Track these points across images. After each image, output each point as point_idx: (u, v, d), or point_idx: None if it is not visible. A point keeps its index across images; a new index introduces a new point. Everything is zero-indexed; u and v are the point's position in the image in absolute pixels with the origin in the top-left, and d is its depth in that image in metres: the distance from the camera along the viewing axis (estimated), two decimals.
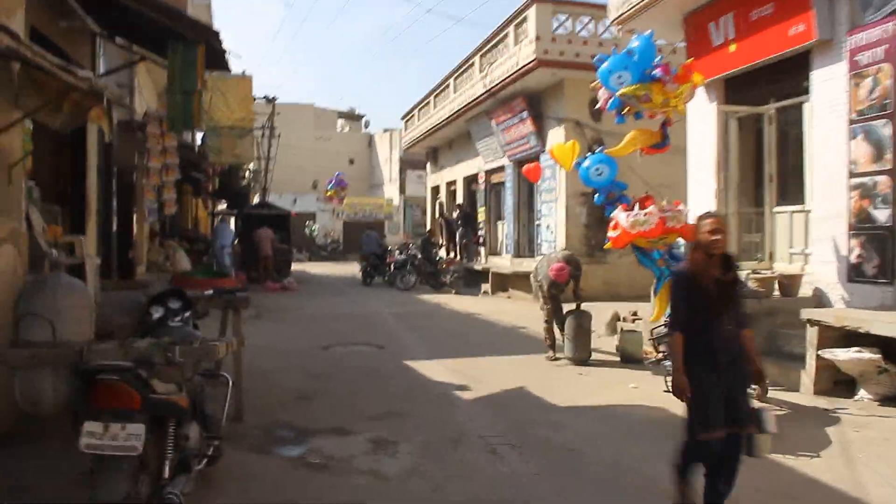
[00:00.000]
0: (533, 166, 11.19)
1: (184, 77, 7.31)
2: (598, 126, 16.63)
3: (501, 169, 21.00)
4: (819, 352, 7.14)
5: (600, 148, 8.63)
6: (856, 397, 7.08)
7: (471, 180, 24.63)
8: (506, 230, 20.72)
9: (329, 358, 9.82)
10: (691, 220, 8.40)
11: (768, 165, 9.79)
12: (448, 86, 22.98)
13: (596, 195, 8.58)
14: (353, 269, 28.16)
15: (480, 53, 19.49)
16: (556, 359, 9.47)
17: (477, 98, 19.51)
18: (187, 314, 5.07)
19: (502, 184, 21.29)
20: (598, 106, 8.87)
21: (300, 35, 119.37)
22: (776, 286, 8.64)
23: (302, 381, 8.17)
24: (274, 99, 26.86)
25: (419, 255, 21.46)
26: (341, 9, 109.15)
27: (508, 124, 18.82)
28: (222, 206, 30.01)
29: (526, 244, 20.02)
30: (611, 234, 8.30)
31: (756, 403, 4.52)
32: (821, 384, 7.26)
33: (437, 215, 27.68)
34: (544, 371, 8.93)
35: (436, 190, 29.27)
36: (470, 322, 13.75)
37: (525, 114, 17.68)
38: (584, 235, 16.67)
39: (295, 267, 26.75)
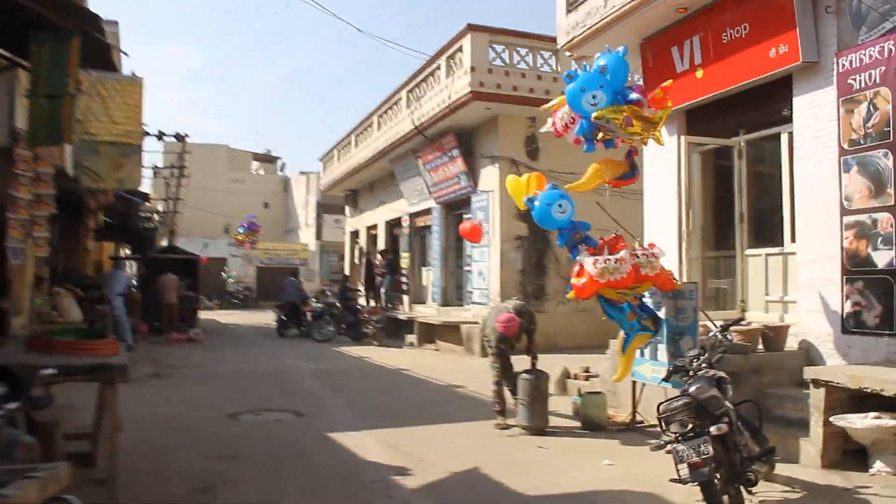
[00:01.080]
0: (470, 227, 9.90)
1: (50, 76, 5.73)
2: (535, 164, 15.60)
3: (427, 212, 19.75)
4: (831, 418, 5.99)
5: (549, 185, 7.40)
6: (872, 470, 5.93)
7: (393, 224, 23.30)
8: (432, 277, 19.40)
9: (237, 431, 8.14)
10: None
11: (739, 203, 8.80)
12: (371, 123, 21.74)
13: (559, 236, 7.31)
14: (266, 317, 26.36)
15: (408, 88, 18.34)
16: (507, 427, 8.08)
17: (403, 136, 18.31)
18: (13, 405, 3.44)
19: (428, 227, 20.04)
20: (551, 130, 7.65)
21: (215, 77, 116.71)
22: (759, 339, 7.53)
23: (202, 463, 6.48)
24: (185, 136, 24.98)
25: (338, 304, 19.87)
26: (259, 50, 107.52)
27: (437, 164, 17.64)
28: (127, 250, 27.73)
29: (454, 292, 18.73)
30: (574, 281, 7.02)
31: None
32: (829, 455, 6.09)
33: (359, 257, 26.20)
34: (498, 445, 7.50)
35: (355, 234, 27.79)
36: (400, 380, 12.24)
37: (455, 152, 16.54)
38: (520, 282, 15.50)
39: (204, 316, 24.72)
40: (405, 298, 20.57)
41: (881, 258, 6.69)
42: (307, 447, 7.28)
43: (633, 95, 6.89)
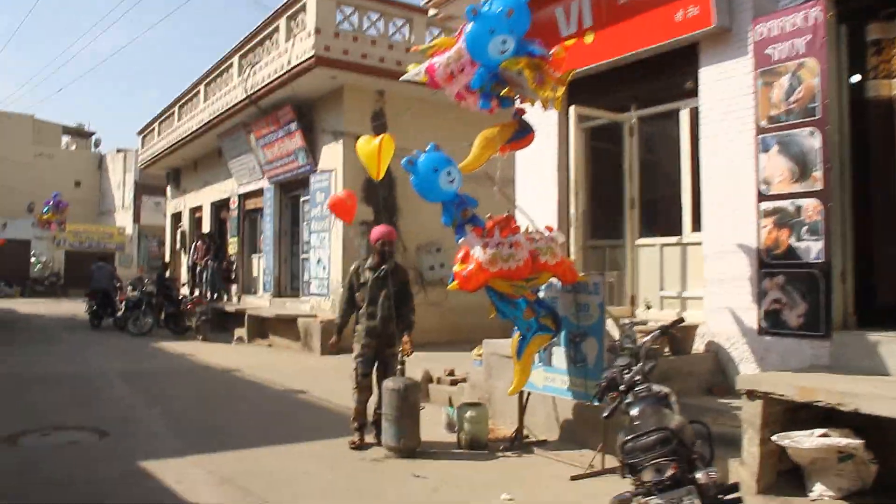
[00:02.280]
0: (340, 199, 8.21)
1: None
2: None
3: (259, 193, 17.81)
4: (771, 436, 5.08)
5: (431, 145, 6.02)
6: (813, 494, 5.08)
7: (220, 206, 21.06)
8: (264, 265, 17.49)
9: (15, 461, 6.17)
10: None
11: (629, 187, 7.89)
12: (198, 93, 19.39)
13: (443, 213, 5.96)
14: (75, 307, 23.40)
15: (241, 53, 16.29)
16: (364, 446, 6.68)
17: (234, 106, 16.26)
18: None
19: (260, 210, 18.10)
20: (418, 77, 6.17)
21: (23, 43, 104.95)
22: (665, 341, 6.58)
23: None
24: None
25: (157, 293, 17.50)
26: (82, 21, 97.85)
27: (272, 139, 15.79)
28: None
29: (288, 282, 16.97)
30: (458, 269, 5.73)
31: None
32: (765, 479, 5.17)
33: (180, 241, 23.66)
34: (363, 474, 6.02)
35: (177, 217, 25.10)
36: (231, 384, 10.43)
37: (294, 125, 14.79)
38: None
39: None
40: (233, 288, 18.44)
41: (806, 250, 5.90)
42: (110, 485, 5.50)
43: (538, 49, 5.69)
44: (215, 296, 18.25)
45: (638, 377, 4.31)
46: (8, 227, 34.78)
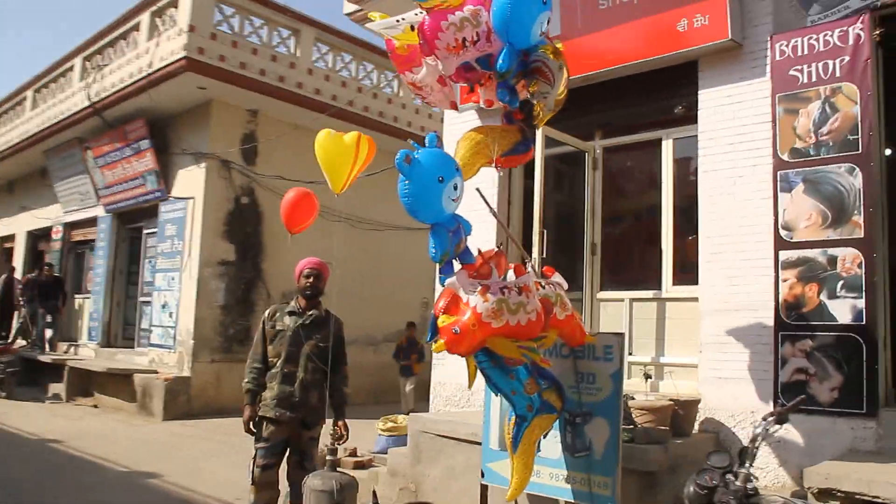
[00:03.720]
0: (296, 199, 6.06)
1: None
2: (251, 171, 12.34)
3: (92, 222, 15.12)
4: None
5: (432, 137, 4.35)
6: None
7: (39, 236, 17.94)
8: (90, 308, 14.72)
9: None
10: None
11: (590, 228, 6.61)
12: (24, 99, 16.48)
13: (433, 242, 4.21)
14: None
15: (87, 53, 13.85)
16: None
17: (71, 116, 13.73)
18: None
19: (90, 243, 15.40)
20: (390, 30, 4.56)
21: None
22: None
23: None
24: None
25: None
26: None
27: (115, 158, 13.38)
28: None
29: (121, 329, 14.34)
30: (445, 322, 4.01)
31: None
32: None
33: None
34: None
35: None
36: (52, 464, 7.90)
37: (145, 143, 12.54)
38: (221, 322, 11.91)
39: None
40: (47, 334, 15.32)
41: (843, 309, 4.82)
42: None
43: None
44: (35, 344, 14.90)
45: (750, 486, 2.96)
46: None
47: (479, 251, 4.39)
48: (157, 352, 12.21)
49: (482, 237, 6.92)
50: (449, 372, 7.37)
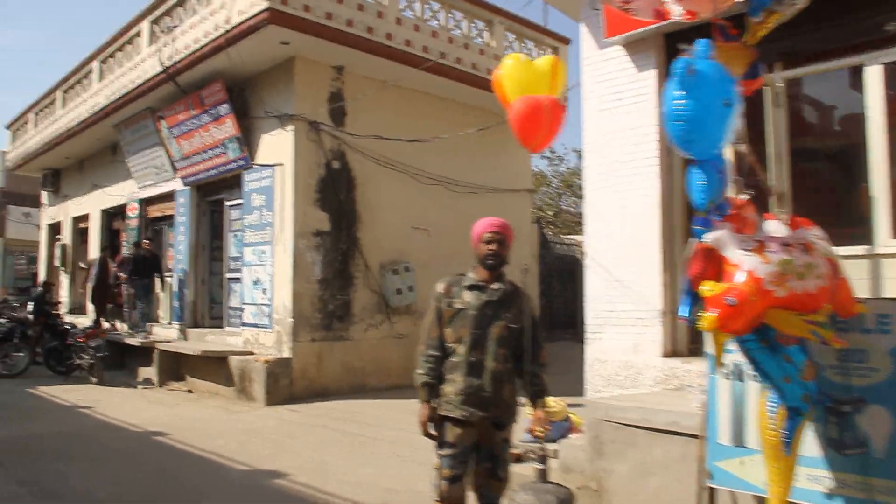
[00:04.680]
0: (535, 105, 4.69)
1: None
2: (341, 133, 11.28)
3: (169, 196, 14.33)
4: None
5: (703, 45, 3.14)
6: None
7: (114, 214, 17.32)
8: (174, 287, 13.94)
9: None
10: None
11: (775, 175, 5.32)
12: (90, 72, 15.67)
13: (702, 187, 3.04)
14: None
15: (154, 16, 12.89)
16: None
17: (142, 85, 12.84)
18: None
19: (168, 219, 14.62)
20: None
21: None
22: None
23: None
24: None
25: (33, 320, 13.66)
26: None
27: (191, 126, 12.46)
28: None
29: (206, 309, 13.55)
30: (713, 291, 2.89)
31: None
32: None
33: (56, 256, 19.45)
34: None
35: (55, 228, 20.90)
36: (162, 462, 7.02)
37: (224, 108, 11.55)
38: (320, 298, 10.96)
39: None
40: (130, 316, 14.63)
41: None
42: None
43: None
44: (133, 324, 14.17)
45: None
46: None
47: (731, 201, 3.24)
48: (251, 331, 11.34)
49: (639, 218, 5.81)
50: (608, 347, 6.45)
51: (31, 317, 13.79)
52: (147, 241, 14.20)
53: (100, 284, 14.92)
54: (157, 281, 14.10)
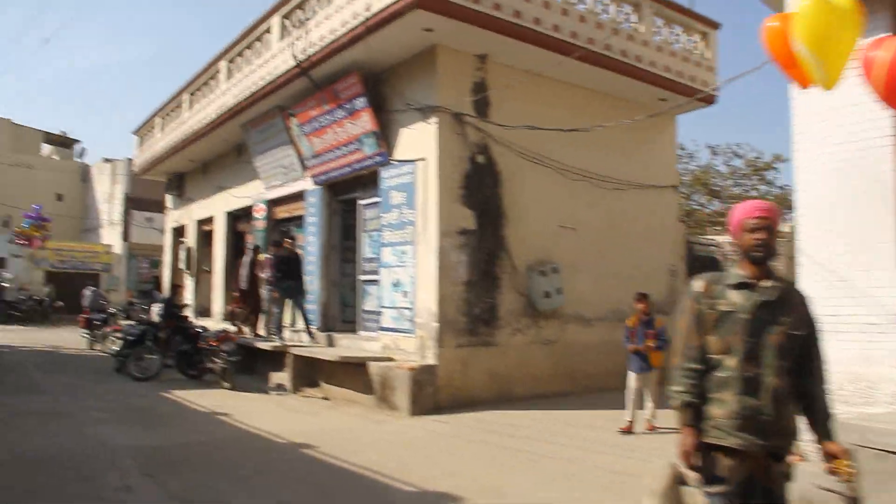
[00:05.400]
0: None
1: None
2: (485, 125, 10.53)
3: (298, 197, 13.94)
4: None
5: None
6: None
7: (239, 217, 17.15)
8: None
9: None
10: None
11: None
12: (217, 72, 15.50)
13: None
14: (57, 337, 19.62)
15: (285, 10, 12.48)
16: None
17: (274, 81, 12.44)
18: None
19: (298, 219, 14.21)
20: None
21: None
22: None
23: None
24: None
25: (162, 323, 13.50)
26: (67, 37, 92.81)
27: (325, 122, 11.99)
28: None
29: (338, 312, 13.06)
30: None
31: None
32: None
33: (194, 256, 19.44)
34: None
35: (179, 232, 21.12)
36: (318, 479, 6.42)
37: (361, 101, 10.99)
38: (465, 301, 10.22)
39: None
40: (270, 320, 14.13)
41: None
42: None
43: None
44: (275, 331, 12.83)
45: None
46: None
47: None
48: (390, 336, 10.73)
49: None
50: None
51: (159, 319, 13.63)
52: (290, 240, 13.10)
53: (250, 286, 14.29)
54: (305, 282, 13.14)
